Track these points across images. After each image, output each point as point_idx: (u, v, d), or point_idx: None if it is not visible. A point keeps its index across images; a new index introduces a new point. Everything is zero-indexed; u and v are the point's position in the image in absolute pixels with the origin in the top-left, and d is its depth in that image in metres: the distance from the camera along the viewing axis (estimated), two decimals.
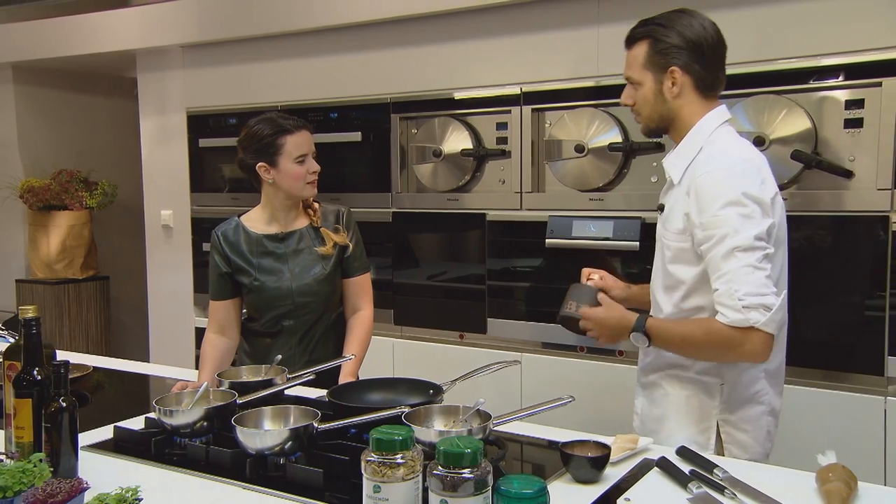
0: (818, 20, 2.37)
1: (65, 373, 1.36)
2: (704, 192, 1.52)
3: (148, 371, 2.33)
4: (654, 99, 1.63)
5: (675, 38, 1.60)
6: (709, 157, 1.57)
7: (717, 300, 1.49)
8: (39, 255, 4.44)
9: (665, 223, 1.65)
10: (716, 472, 1.35)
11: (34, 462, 1.23)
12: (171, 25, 3.69)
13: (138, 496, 1.15)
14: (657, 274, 1.70)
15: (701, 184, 1.53)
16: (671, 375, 1.68)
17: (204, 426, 1.53)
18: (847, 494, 1.24)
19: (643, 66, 1.62)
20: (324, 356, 2.09)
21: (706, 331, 1.51)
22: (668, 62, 1.60)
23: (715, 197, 1.50)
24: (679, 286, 1.61)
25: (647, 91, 1.63)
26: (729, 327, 1.47)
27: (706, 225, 1.51)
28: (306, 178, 2.03)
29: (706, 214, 1.51)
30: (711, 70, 1.63)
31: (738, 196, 1.49)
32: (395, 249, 3.20)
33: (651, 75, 1.62)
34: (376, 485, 1.07)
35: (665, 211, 1.67)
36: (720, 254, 1.48)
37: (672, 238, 1.61)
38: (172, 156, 3.88)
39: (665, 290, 1.65)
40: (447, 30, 3.02)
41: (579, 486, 1.37)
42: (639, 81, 1.64)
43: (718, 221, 1.49)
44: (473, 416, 1.45)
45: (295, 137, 2.01)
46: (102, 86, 4.83)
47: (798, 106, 2.36)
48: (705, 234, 1.51)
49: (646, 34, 1.63)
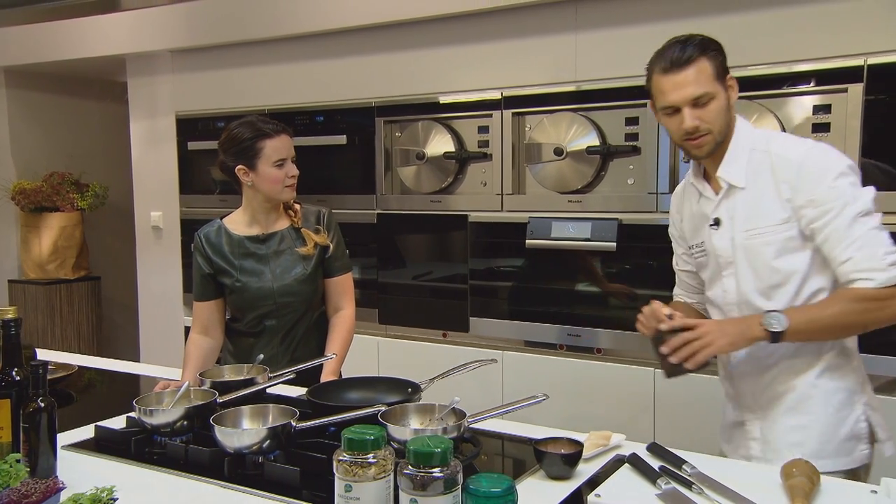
0: (787, 29, 2.37)
1: (43, 373, 1.33)
2: (810, 172, 1.49)
3: (134, 370, 2.30)
4: (727, 109, 1.57)
5: (721, 49, 1.58)
6: (787, 144, 1.56)
7: (856, 267, 1.45)
8: (31, 255, 4.39)
9: (751, 225, 1.56)
10: (684, 468, 1.35)
11: (10, 462, 1.21)
12: (161, 30, 3.66)
13: (113, 496, 1.13)
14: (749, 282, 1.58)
15: (803, 164, 1.50)
16: (811, 383, 1.56)
17: (184, 425, 1.50)
18: (809, 489, 1.24)
19: (714, 79, 1.54)
20: (306, 355, 2.07)
21: (855, 300, 1.45)
22: (727, 71, 1.58)
23: (823, 172, 1.48)
24: (792, 278, 1.54)
25: (722, 102, 1.56)
26: (877, 289, 1.43)
27: (820, 200, 1.47)
28: (284, 182, 2.00)
29: (819, 189, 1.47)
30: None
31: (845, 168, 1.49)
32: (379, 250, 3.18)
33: (720, 86, 1.56)
34: (348, 484, 1.06)
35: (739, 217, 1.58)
36: (844, 223, 1.46)
37: (772, 231, 1.54)
38: (162, 158, 3.84)
39: (771, 290, 1.56)
40: (430, 36, 3.01)
41: (552, 482, 1.36)
42: (713, 95, 1.54)
43: (835, 194, 1.47)
44: (448, 415, 1.43)
45: (274, 142, 1.98)
46: (93, 90, 4.79)
47: (768, 111, 2.37)
48: (821, 209, 1.47)
49: (702, 49, 1.55)
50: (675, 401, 2.56)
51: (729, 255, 1.60)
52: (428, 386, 1.68)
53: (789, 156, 1.52)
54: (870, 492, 1.28)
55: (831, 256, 1.49)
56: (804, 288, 1.54)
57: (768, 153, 1.55)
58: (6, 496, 1.12)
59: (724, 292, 1.63)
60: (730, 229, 1.59)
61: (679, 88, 1.54)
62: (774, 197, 1.53)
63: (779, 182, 1.52)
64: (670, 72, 1.54)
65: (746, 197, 1.57)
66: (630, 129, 2.65)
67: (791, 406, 1.57)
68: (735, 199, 1.59)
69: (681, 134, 1.56)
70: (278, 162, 1.98)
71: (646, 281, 2.62)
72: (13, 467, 1.21)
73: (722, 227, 1.60)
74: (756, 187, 1.56)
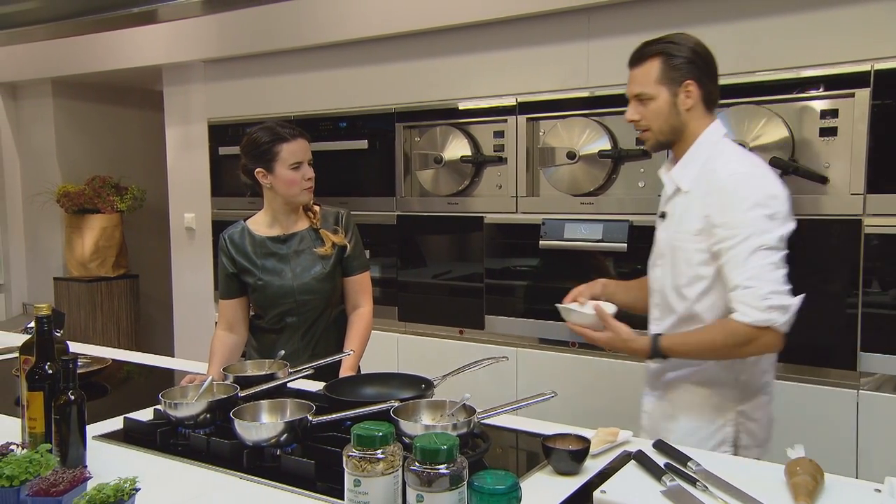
0: (795, 35, 2.31)
1: (73, 367, 1.33)
2: (731, 194, 1.50)
3: (166, 364, 2.31)
4: (669, 112, 1.60)
5: (687, 53, 1.59)
6: (727, 163, 1.55)
7: (739, 298, 1.47)
8: (75, 255, 4.45)
9: (678, 227, 1.61)
10: (689, 465, 1.31)
11: (41, 452, 1.21)
12: (194, 42, 3.69)
13: (136, 486, 1.12)
14: (668, 276, 1.64)
15: (726, 186, 1.51)
16: (691, 374, 1.63)
17: (206, 418, 1.50)
18: (813, 487, 1.19)
19: (656, 81, 1.59)
20: (326, 350, 2.06)
21: (724, 334, 1.49)
22: (683, 76, 1.59)
23: (741, 199, 1.48)
24: (695, 284, 1.57)
25: (661, 104, 1.59)
26: (748, 326, 1.45)
27: (730, 224, 1.48)
28: (301, 185, 1.99)
29: (732, 214, 1.48)
30: (715, 85, 1.64)
31: (764, 198, 1.48)
32: (399, 250, 3.17)
33: (665, 89, 1.59)
34: (357, 479, 1.04)
35: (674, 216, 1.63)
36: (745, 252, 1.46)
37: (689, 240, 1.57)
38: (195, 163, 3.87)
39: (679, 292, 1.61)
40: (448, 44, 2.99)
41: (560, 477, 1.33)
42: (651, 96, 1.60)
43: (745, 222, 1.47)
44: (459, 411, 1.41)
45: (291, 145, 1.97)
46: (132, 98, 4.85)
47: (776, 115, 2.31)
48: (729, 233, 1.48)
49: (658, 51, 1.60)
50: None
51: (663, 248, 1.65)
52: (441, 382, 1.65)
53: (719, 175, 1.53)
54: (874, 490, 1.23)
55: (726, 280, 1.50)
56: (703, 300, 1.57)
57: (714, 166, 1.56)
58: (36, 485, 1.12)
59: (653, 279, 1.70)
60: (669, 226, 1.64)
61: (630, 82, 1.63)
62: (699, 209, 1.55)
63: (705, 195, 1.54)
64: (630, 66, 1.64)
65: (685, 200, 1.60)
66: None
67: (671, 397, 1.66)
68: (678, 200, 1.63)
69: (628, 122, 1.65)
70: (294, 164, 1.97)
71: None
72: (44, 457, 1.20)
73: (665, 222, 1.66)
74: (695, 195, 1.58)
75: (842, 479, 1.28)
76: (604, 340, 1.62)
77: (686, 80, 1.58)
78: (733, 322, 1.47)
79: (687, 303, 1.59)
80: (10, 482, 1.15)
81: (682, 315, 1.61)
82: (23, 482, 1.15)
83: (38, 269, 4.72)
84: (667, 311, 1.66)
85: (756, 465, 1.37)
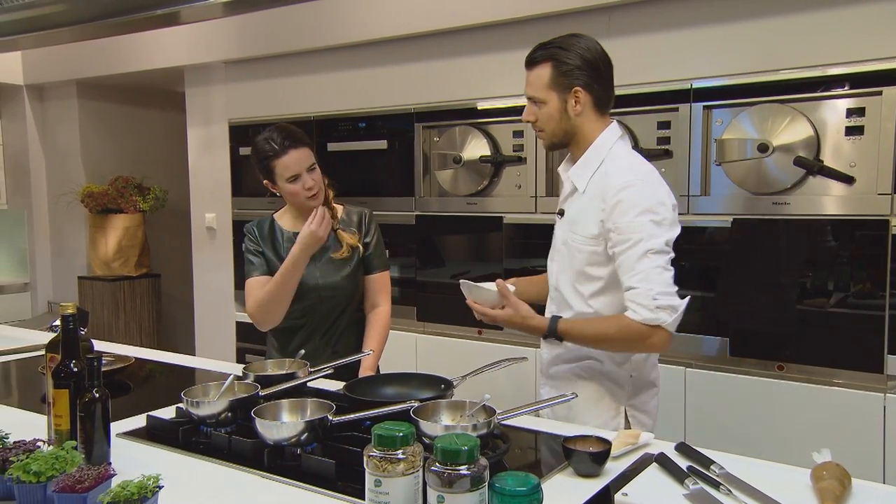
0: (820, 31, 2.28)
1: (98, 365, 1.35)
2: (622, 201, 1.56)
3: (187, 363, 2.33)
4: (559, 117, 1.65)
5: (576, 60, 1.63)
6: (619, 169, 1.61)
7: (631, 298, 1.54)
8: (98, 254, 4.51)
9: (572, 227, 1.68)
10: (713, 469, 1.29)
11: (67, 449, 1.23)
12: (215, 43, 3.72)
13: (159, 484, 1.13)
14: (564, 273, 1.70)
15: (618, 193, 1.57)
16: (584, 367, 1.72)
17: (228, 417, 1.51)
18: (840, 492, 1.17)
19: (547, 87, 1.64)
20: (346, 348, 2.06)
21: (618, 327, 1.56)
22: (572, 83, 1.63)
23: (632, 205, 1.55)
24: (591, 283, 1.65)
25: (551, 109, 1.65)
26: (639, 323, 1.53)
27: (622, 230, 1.56)
28: (302, 195, 1.97)
29: (623, 220, 1.56)
30: (606, 89, 1.67)
31: (652, 205, 1.55)
32: (418, 250, 3.17)
33: (555, 94, 1.64)
34: (377, 479, 1.04)
35: (569, 216, 1.71)
36: (635, 255, 1.54)
37: (584, 242, 1.64)
38: (216, 163, 3.91)
39: (575, 288, 1.68)
40: (467, 44, 2.99)
41: (581, 479, 1.32)
42: (542, 100, 1.65)
43: (635, 227, 1.54)
44: (479, 412, 1.40)
45: (283, 160, 1.93)
46: (155, 99, 4.90)
47: (801, 114, 2.28)
48: (621, 238, 1.56)
49: (548, 57, 1.64)
50: (706, 400, 2.49)
51: (559, 244, 1.73)
52: (460, 382, 1.65)
53: (613, 181, 1.59)
54: None
55: (621, 281, 1.58)
56: (598, 298, 1.65)
57: (607, 170, 1.63)
58: (62, 481, 1.14)
59: (550, 273, 1.78)
60: (566, 224, 1.71)
61: (525, 84, 1.68)
62: (595, 213, 1.61)
63: (600, 200, 1.60)
64: (525, 68, 1.68)
65: (581, 201, 1.67)
66: (662, 133, 2.58)
67: (566, 386, 1.70)
68: (574, 200, 1.70)
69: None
70: (290, 178, 1.95)
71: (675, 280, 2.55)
72: (69, 454, 1.22)
73: (563, 220, 1.73)
74: (588, 196, 1.65)
75: (869, 483, 1.26)
76: (502, 317, 1.64)
77: (575, 87, 1.63)
78: (626, 318, 1.55)
79: (582, 299, 1.66)
80: (36, 478, 1.16)
81: (578, 312, 1.68)
82: (49, 478, 1.16)
83: (63, 268, 4.79)
84: (563, 305, 1.72)
85: (781, 469, 1.35)
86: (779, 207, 2.34)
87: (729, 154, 2.40)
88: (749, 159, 2.36)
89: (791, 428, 2.33)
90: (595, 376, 1.71)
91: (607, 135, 1.67)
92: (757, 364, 2.41)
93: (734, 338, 2.44)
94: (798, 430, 2.31)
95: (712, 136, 2.46)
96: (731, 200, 2.43)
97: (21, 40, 3.28)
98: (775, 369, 2.38)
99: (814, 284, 2.29)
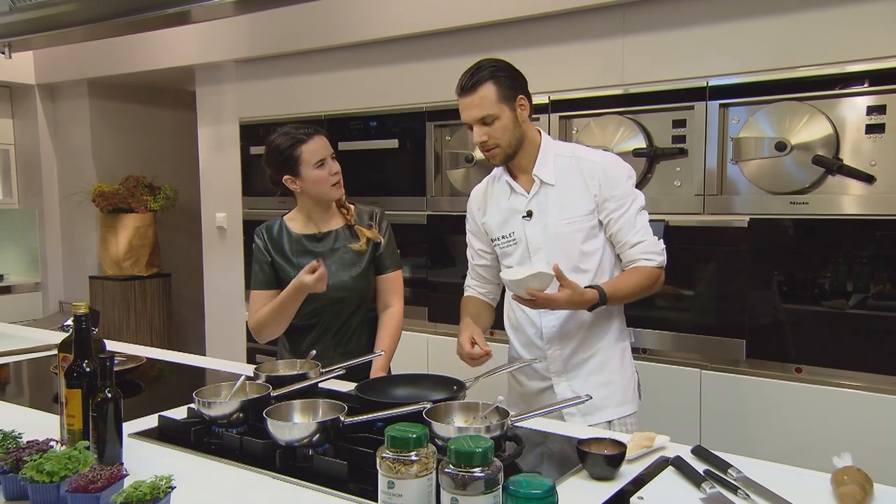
0: (840, 27, 2.25)
1: (110, 365, 1.36)
2: (612, 173, 1.80)
3: (198, 363, 2.34)
4: (513, 126, 1.78)
5: (511, 72, 1.80)
6: (589, 152, 1.85)
7: (644, 249, 1.79)
8: (109, 254, 4.55)
9: (561, 215, 1.81)
10: (730, 472, 1.28)
11: (80, 449, 1.24)
12: (226, 42, 3.74)
13: (171, 484, 1.14)
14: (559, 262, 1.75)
15: (605, 168, 1.80)
16: (604, 349, 1.85)
17: (240, 417, 1.51)
18: (862, 497, 1.16)
19: (497, 101, 1.76)
20: (358, 349, 2.07)
21: (647, 276, 1.79)
22: (516, 92, 1.78)
23: (620, 174, 1.81)
24: (592, 257, 1.81)
25: (506, 121, 1.77)
26: (656, 268, 1.80)
27: (619, 196, 1.79)
28: (329, 181, 2.01)
29: (618, 188, 1.79)
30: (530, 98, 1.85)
31: (631, 172, 1.83)
32: (429, 250, 3.17)
33: (506, 106, 1.77)
34: (391, 481, 1.04)
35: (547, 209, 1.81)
36: (633, 214, 1.79)
37: (582, 220, 1.80)
38: (226, 162, 3.93)
39: (577, 270, 1.80)
40: (480, 42, 2.98)
41: (595, 482, 1.31)
42: (496, 115, 1.76)
43: (627, 191, 1.80)
44: (492, 413, 1.40)
45: (310, 145, 1.99)
46: (166, 99, 4.93)
47: (820, 112, 2.26)
48: (619, 203, 1.79)
49: (488, 76, 1.76)
50: (722, 402, 2.47)
51: (540, 241, 1.82)
52: (473, 384, 1.65)
53: (596, 160, 1.82)
54: None
55: (623, 241, 1.80)
56: (601, 266, 1.82)
57: (575, 158, 1.82)
58: (75, 481, 1.15)
59: None
60: (542, 220, 1.82)
61: (467, 109, 1.78)
62: (583, 193, 1.80)
63: (587, 179, 1.80)
64: (462, 95, 1.79)
65: (557, 193, 1.82)
66: (677, 132, 2.57)
67: (596, 367, 1.85)
68: (546, 195, 1.83)
69: (477, 144, 1.81)
70: (318, 163, 2.00)
71: (691, 281, 2.54)
72: (82, 454, 1.23)
73: (534, 218, 1.83)
74: (564, 185, 1.82)
75: (892, 489, 1.24)
76: (564, 299, 1.69)
77: (518, 95, 1.78)
78: (647, 268, 1.79)
79: (588, 274, 1.81)
80: (50, 478, 1.17)
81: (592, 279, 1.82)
82: (62, 478, 1.17)
83: (74, 267, 4.83)
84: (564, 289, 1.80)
85: (801, 474, 1.34)
86: (797, 207, 2.32)
87: (746, 153, 2.38)
88: (766, 158, 2.34)
89: (810, 431, 2.31)
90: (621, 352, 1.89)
91: (545, 136, 1.87)
92: (774, 366, 2.39)
93: (751, 339, 2.43)
94: (817, 434, 2.29)
95: (728, 135, 2.44)
96: (747, 200, 2.42)
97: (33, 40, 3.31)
98: (793, 372, 2.36)
99: (832, 285, 2.27)
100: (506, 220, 1.88)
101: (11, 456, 1.24)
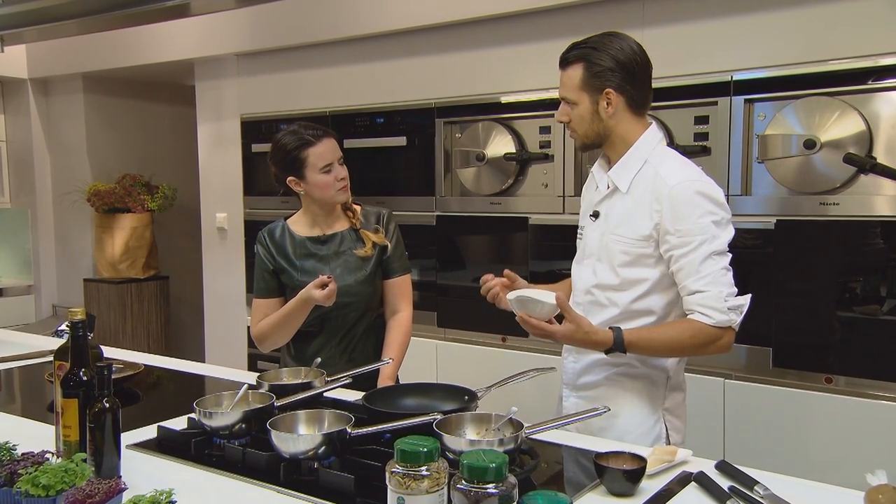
0: (871, 18, 2.24)
1: (108, 374, 1.37)
2: (681, 203, 1.61)
3: (198, 371, 2.35)
4: (591, 118, 1.70)
5: (608, 62, 1.67)
6: (672, 170, 1.65)
7: (701, 302, 1.59)
8: (105, 255, 4.57)
9: (615, 229, 1.70)
10: (756, 489, 1.28)
11: (77, 462, 1.25)
12: (227, 35, 3.76)
13: (172, 498, 1.15)
14: (601, 277, 1.72)
15: (675, 195, 1.61)
16: (621, 373, 1.73)
17: (242, 428, 1.52)
18: None
19: (579, 88, 1.69)
20: (363, 356, 2.08)
21: (692, 333, 1.60)
22: (603, 84, 1.67)
23: (693, 207, 1.60)
24: (634, 287, 1.68)
25: (583, 111, 1.70)
26: (712, 327, 1.59)
27: (684, 232, 1.60)
28: (335, 186, 2.02)
29: (685, 222, 1.60)
30: (641, 90, 1.71)
31: (712, 206, 1.61)
32: (438, 252, 3.18)
33: (587, 96, 1.69)
34: (400, 497, 1.04)
35: (609, 218, 1.72)
36: (699, 258, 1.59)
37: (632, 244, 1.67)
38: (227, 160, 3.95)
39: (615, 290, 1.70)
40: (491, 35, 2.99)
41: (614, 498, 1.31)
42: (574, 102, 1.70)
43: (697, 229, 1.59)
44: (506, 425, 1.40)
45: (317, 148, 1.99)
46: (163, 93, 4.96)
47: (851, 107, 2.24)
48: (682, 241, 1.60)
49: (580, 57, 1.69)
50: (747, 415, 2.46)
51: (594, 247, 1.74)
52: (485, 394, 1.65)
53: (668, 181, 1.63)
54: None
55: (682, 285, 1.62)
56: (641, 301, 1.68)
57: (654, 170, 1.66)
58: (72, 495, 1.16)
59: (579, 278, 1.79)
60: (602, 225, 1.73)
61: (559, 84, 1.73)
62: (646, 213, 1.65)
63: (653, 201, 1.64)
64: (559, 67, 1.73)
65: (625, 202, 1.70)
66: (699, 129, 2.56)
67: (602, 394, 1.73)
68: (615, 200, 1.72)
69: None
70: (325, 168, 2.00)
71: None
72: (79, 466, 1.24)
73: (598, 221, 1.75)
74: (634, 197, 1.68)
75: None
76: (562, 333, 1.59)
77: (606, 89, 1.67)
78: (698, 323, 1.59)
79: (624, 302, 1.69)
80: (45, 492, 1.19)
81: (611, 317, 1.70)
82: (58, 492, 1.18)
83: (68, 269, 4.87)
84: (594, 309, 1.73)
85: (832, 491, 1.33)
86: (826, 208, 2.31)
87: (772, 151, 2.37)
88: (794, 156, 2.33)
89: (841, 446, 2.29)
90: (633, 380, 1.73)
91: (648, 136, 1.71)
92: (802, 376, 2.38)
93: (778, 347, 2.42)
94: (849, 449, 2.27)
95: (754, 132, 2.43)
96: (774, 200, 2.41)
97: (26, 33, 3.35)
98: (822, 381, 2.35)
99: (864, 290, 2.26)
100: (585, 211, 1.82)
101: (6, 469, 1.25)
